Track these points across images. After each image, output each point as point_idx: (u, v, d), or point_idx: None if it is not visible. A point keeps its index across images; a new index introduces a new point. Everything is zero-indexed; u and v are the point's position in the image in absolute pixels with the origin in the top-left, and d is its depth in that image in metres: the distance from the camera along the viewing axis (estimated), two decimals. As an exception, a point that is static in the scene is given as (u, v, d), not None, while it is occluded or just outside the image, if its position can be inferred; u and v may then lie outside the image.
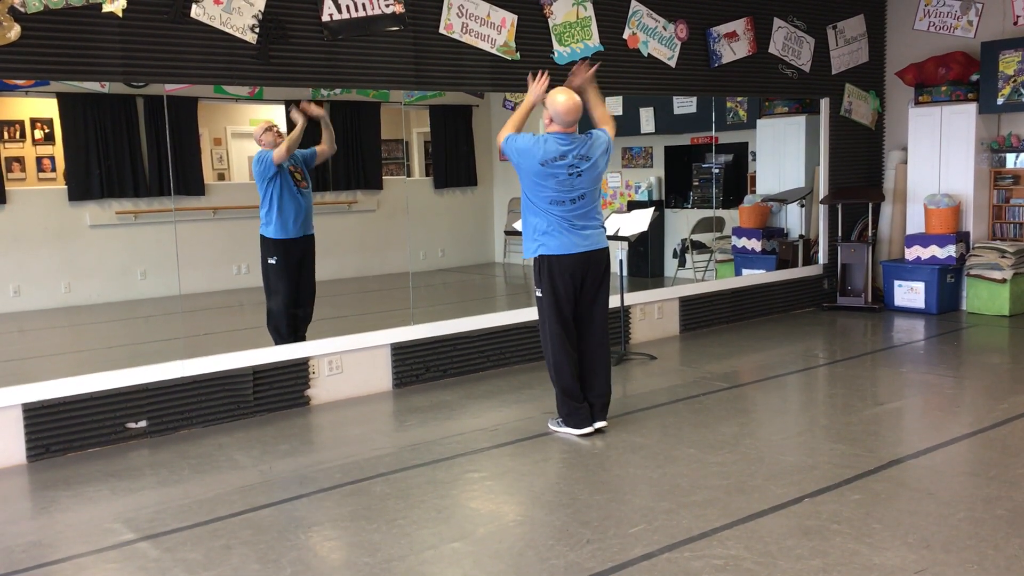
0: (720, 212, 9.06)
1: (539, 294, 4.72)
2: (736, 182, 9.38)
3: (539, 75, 4.75)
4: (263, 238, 6.08)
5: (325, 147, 6.29)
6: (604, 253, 4.75)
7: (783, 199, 8.69)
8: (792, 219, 8.85)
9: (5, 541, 3.68)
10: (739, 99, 8.77)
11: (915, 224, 8.31)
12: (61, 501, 4.13)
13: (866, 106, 8.70)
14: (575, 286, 4.66)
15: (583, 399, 4.74)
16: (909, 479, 4.00)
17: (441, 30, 5.90)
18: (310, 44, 5.42)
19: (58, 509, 4.04)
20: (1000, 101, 7.78)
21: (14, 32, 4.44)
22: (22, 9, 4.45)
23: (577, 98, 4.61)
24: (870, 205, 8.45)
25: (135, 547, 3.57)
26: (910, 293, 8.08)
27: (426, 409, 5.47)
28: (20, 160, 7.68)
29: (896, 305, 8.17)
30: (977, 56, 8.00)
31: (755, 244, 8.70)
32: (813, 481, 3.98)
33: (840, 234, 8.45)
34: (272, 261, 6.07)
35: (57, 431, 4.76)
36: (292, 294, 6.11)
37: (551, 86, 4.69)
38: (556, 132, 4.59)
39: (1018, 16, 7.79)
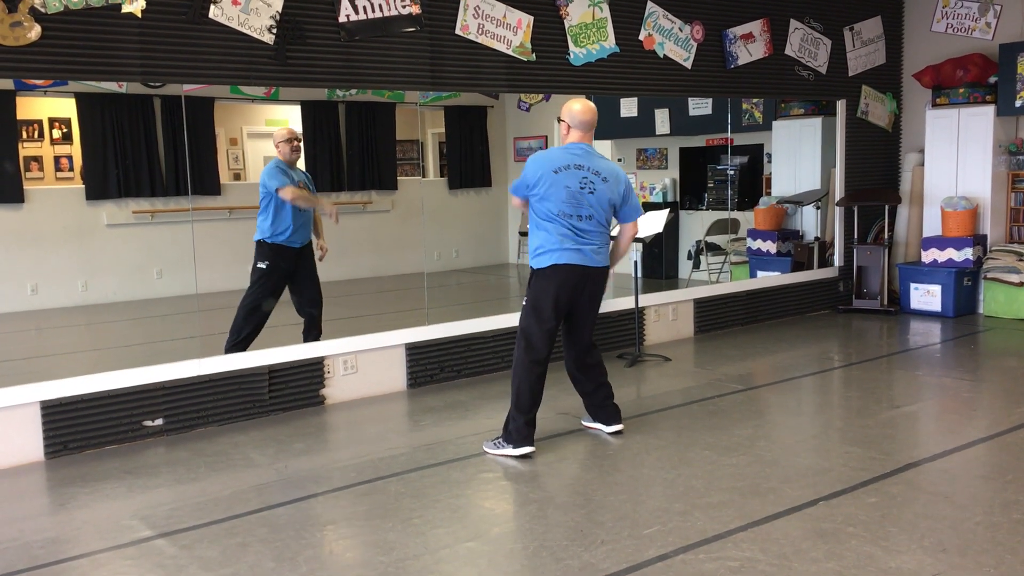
0: (735, 214, 9.04)
1: (524, 302, 4.54)
2: (751, 184, 9.36)
3: None
4: (260, 243, 5.88)
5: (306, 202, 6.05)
6: (604, 272, 4.57)
7: (799, 201, 8.67)
8: (808, 221, 8.82)
9: (24, 537, 3.71)
10: (755, 101, 8.75)
11: (932, 227, 8.27)
12: (79, 498, 4.17)
13: (883, 108, 8.67)
14: (570, 301, 4.50)
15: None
16: (925, 482, 3.98)
17: (457, 31, 5.92)
18: (327, 45, 5.44)
19: (76, 506, 4.07)
20: (1018, 103, 7.73)
21: (34, 32, 4.48)
22: (43, 9, 4.49)
23: (591, 103, 4.57)
24: (886, 207, 8.41)
25: (152, 544, 3.60)
26: (926, 296, 8.04)
27: (440, 409, 5.48)
28: (39, 159, 7.75)
29: (912, 308, 8.13)
30: (995, 58, 7.95)
31: (770, 246, 8.68)
32: (828, 484, 3.97)
33: (856, 236, 8.41)
34: (262, 266, 5.87)
35: (75, 428, 4.80)
36: (265, 303, 5.87)
37: (566, 89, 4.56)
38: (574, 142, 4.46)
39: (1037, 18, 7.75)
